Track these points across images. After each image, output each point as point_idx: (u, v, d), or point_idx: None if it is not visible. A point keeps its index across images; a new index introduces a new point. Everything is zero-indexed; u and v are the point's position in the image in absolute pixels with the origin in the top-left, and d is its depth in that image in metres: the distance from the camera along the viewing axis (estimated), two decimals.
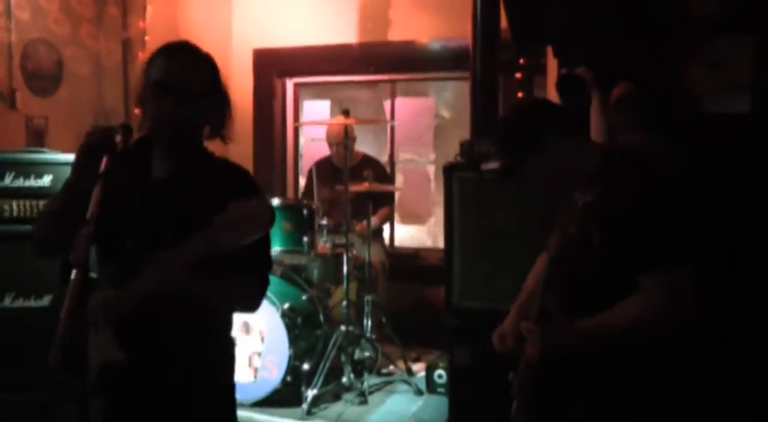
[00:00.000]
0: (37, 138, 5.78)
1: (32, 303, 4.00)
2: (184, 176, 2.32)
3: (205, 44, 2.40)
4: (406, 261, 6.83)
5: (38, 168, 4.09)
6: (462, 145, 3.89)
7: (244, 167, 2.46)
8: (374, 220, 5.66)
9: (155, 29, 6.67)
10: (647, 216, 2.15)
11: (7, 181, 4.05)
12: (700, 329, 2.18)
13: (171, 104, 2.23)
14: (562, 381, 2.33)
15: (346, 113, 5.13)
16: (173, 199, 2.29)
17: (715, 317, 2.44)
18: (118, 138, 2.12)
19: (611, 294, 2.17)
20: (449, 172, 3.85)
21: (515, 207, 3.67)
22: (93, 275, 2.32)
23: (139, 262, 2.09)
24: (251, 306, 2.45)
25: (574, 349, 2.22)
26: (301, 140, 7.75)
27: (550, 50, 4.51)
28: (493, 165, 3.70)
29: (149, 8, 6.60)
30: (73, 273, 1.83)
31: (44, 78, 5.92)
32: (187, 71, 2.29)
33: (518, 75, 5.34)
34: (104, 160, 2.05)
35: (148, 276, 2.06)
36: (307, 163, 7.20)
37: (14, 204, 4.04)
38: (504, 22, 4.31)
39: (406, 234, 8.07)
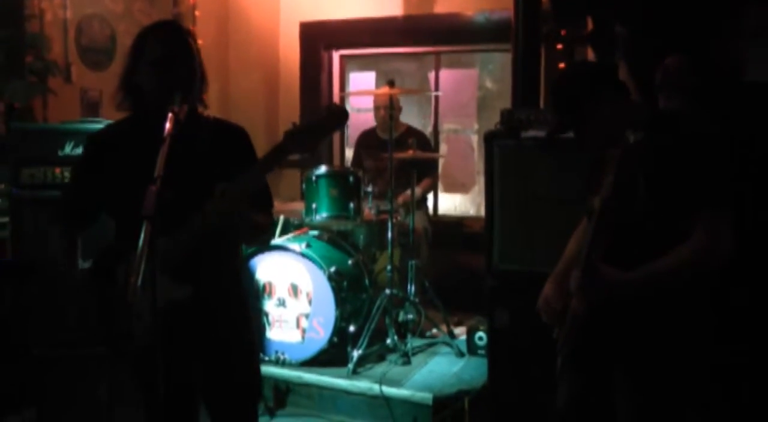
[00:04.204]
0: (92, 110, 5.94)
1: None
2: (189, 142, 2.57)
3: (254, 18, 2.63)
4: (450, 229, 6.96)
5: None
6: (502, 113, 3.97)
7: (238, 124, 2.83)
8: (417, 190, 5.80)
9: (205, 4, 6.83)
10: (692, 166, 2.28)
11: (68, 149, 4.25)
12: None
13: (179, 75, 2.52)
14: (607, 331, 2.43)
15: (391, 84, 5.24)
16: (186, 164, 2.52)
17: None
18: (176, 109, 2.37)
19: (655, 245, 2.29)
20: (490, 139, 3.94)
21: (553, 174, 3.76)
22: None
23: (182, 212, 2.41)
24: (269, 237, 2.93)
25: (622, 300, 2.33)
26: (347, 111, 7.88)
27: (590, 21, 4.61)
28: (533, 133, 3.81)
29: None
30: (145, 225, 2.03)
31: (98, 52, 6.08)
32: (184, 44, 2.59)
33: (559, 46, 5.41)
34: (169, 122, 2.27)
35: (214, 204, 2.40)
36: (353, 133, 7.34)
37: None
38: None
39: (450, 203, 8.18)
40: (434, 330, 5.51)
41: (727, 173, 2.31)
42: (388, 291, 5.08)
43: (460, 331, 5.45)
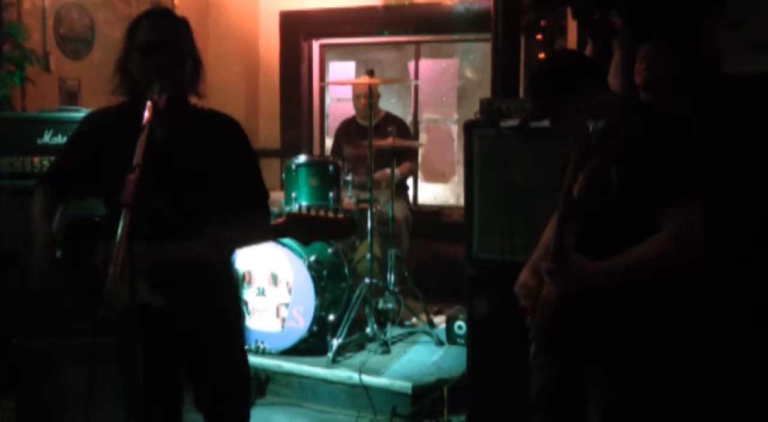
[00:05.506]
0: (71, 99, 5.90)
1: None
2: (182, 133, 2.59)
3: (234, 8, 2.59)
4: (430, 218, 6.98)
5: (74, 126, 4.24)
6: (482, 102, 3.97)
7: (231, 116, 2.75)
8: (397, 173, 5.80)
9: None
10: (667, 157, 2.27)
11: (47, 138, 4.23)
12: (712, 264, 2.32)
13: (163, 62, 2.48)
14: (578, 322, 2.42)
15: (370, 73, 5.25)
16: (179, 155, 2.56)
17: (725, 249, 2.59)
18: (157, 95, 2.37)
19: (629, 235, 2.28)
20: (469, 128, 3.94)
21: (532, 164, 3.76)
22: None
23: (170, 224, 2.46)
24: (263, 234, 2.67)
25: (592, 288, 2.32)
26: (327, 100, 7.89)
27: (569, 11, 4.62)
28: (512, 122, 3.81)
29: None
30: (123, 213, 2.02)
31: (77, 41, 6.03)
32: (174, 32, 2.55)
33: (539, 36, 5.42)
34: (147, 111, 2.26)
35: (202, 248, 2.44)
36: (332, 122, 7.33)
37: (53, 160, 4.21)
38: None
39: (429, 193, 8.18)
40: (414, 320, 5.53)
41: (702, 164, 2.32)
42: (367, 280, 5.10)
43: (440, 320, 5.48)
